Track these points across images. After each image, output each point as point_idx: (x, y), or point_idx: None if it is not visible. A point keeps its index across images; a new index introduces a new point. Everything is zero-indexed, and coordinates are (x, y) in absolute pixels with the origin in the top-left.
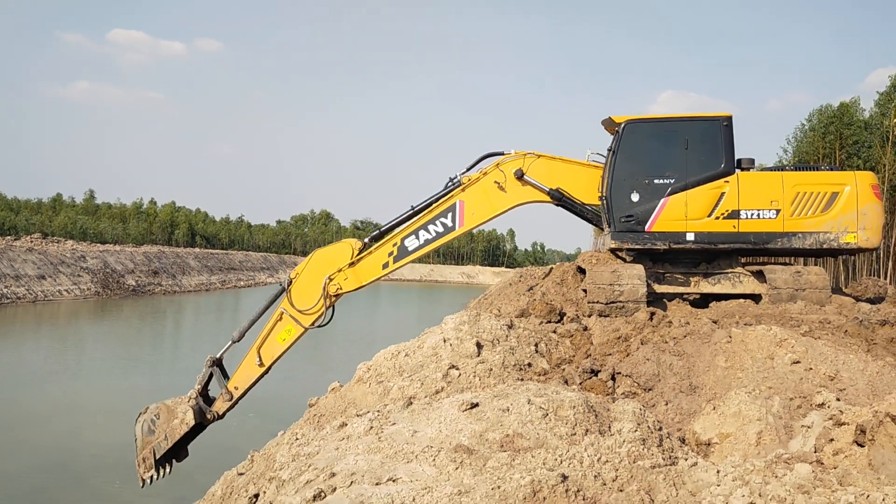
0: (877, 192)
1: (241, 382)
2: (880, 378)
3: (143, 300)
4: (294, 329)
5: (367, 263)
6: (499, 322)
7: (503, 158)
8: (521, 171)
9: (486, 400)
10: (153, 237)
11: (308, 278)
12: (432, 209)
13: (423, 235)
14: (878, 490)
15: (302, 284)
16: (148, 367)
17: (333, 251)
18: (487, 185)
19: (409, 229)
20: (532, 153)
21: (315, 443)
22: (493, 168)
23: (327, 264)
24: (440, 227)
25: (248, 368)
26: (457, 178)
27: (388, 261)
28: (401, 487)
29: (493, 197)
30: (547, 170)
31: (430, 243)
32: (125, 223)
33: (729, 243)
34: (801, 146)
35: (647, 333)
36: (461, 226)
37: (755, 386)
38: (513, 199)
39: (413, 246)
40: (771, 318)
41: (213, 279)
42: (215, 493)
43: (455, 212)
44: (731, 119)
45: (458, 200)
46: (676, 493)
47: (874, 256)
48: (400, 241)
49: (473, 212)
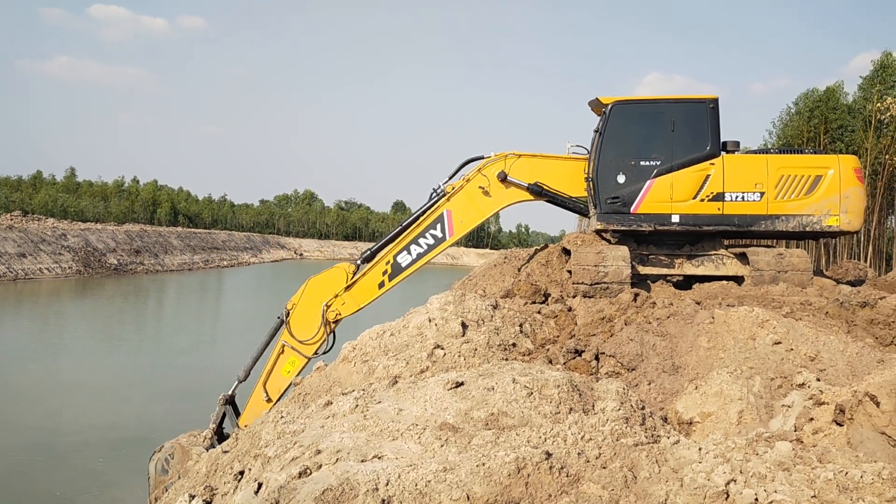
0: (859, 175)
1: (250, 420)
2: (859, 359)
3: (125, 279)
4: (297, 360)
5: (363, 285)
6: (484, 302)
7: (484, 162)
8: (504, 174)
9: (471, 379)
10: (135, 216)
11: (305, 308)
12: (420, 222)
13: (414, 250)
14: (856, 467)
15: (300, 315)
16: (130, 346)
17: (327, 278)
18: (472, 191)
19: (400, 245)
20: (512, 153)
21: (300, 421)
22: (476, 173)
23: (323, 291)
24: (431, 240)
25: (255, 405)
26: (440, 188)
27: (384, 280)
28: (386, 464)
29: (479, 202)
30: (529, 168)
31: (423, 256)
32: (107, 201)
33: (713, 225)
34: (787, 129)
35: (631, 314)
36: (451, 235)
37: (737, 366)
38: (499, 201)
39: (406, 262)
40: (753, 299)
41: (195, 258)
42: (200, 470)
43: (444, 222)
44: (717, 102)
45: (445, 210)
46: (659, 470)
47: (854, 240)
48: (392, 258)
49: (462, 220)
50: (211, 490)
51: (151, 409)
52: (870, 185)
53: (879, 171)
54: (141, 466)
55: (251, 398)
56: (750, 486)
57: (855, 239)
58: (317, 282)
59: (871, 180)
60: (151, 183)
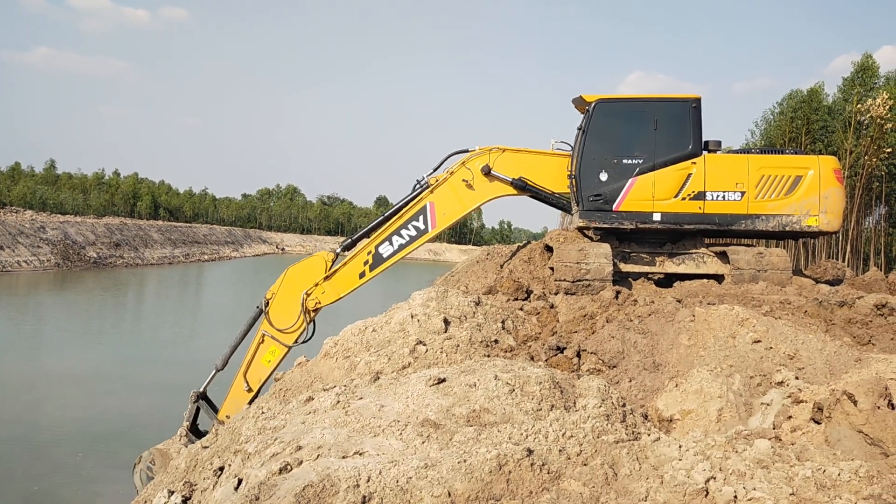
0: (838, 176)
1: (231, 411)
2: (837, 357)
3: (105, 272)
4: (278, 349)
5: (344, 275)
6: (466, 299)
7: (469, 156)
8: (489, 167)
9: (453, 375)
10: (115, 209)
11: (285, 297)
12: (403, 213)
13: (396, 241)
14: (833, 465)
15: (279, 304)
16: (110, 340)
17: (306, 266)
18: (455, 183)
19: (382, 236)
20: (497, 147)
21: (281, 416)
22: (460, 166)
23: (302, 280)
24: (413, 231)
25: (236, 395)
26: (424, 180)
27: (364, 270)
28: (367, 460)
29: (463, 195)
30: (513, 163)
31: (405, 248)
32: (86, 194)
33: (694, 224)
34: (770, 129)
35: (613, 311)
36: (434, 227)
37: (717, 364)
38: (482, 195)
39: (388, 252)
40: (733, 297)
41: (176, 252)
42: (179, 465)
43: (426, 214)
44: (699, 101)
45: (428, 202)
46: (639, 467)
47: (833, 239)
48: (374, 248)
49: (444, 212)
50: (190, 486)
51: (131, 403)
52: (849, 185)
53: (859, 171)
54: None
55: (232, 389)
56: (729, 484)
57: (834, 239)
58: (296, 271)
59: (850, 181)
60: (132, 176)
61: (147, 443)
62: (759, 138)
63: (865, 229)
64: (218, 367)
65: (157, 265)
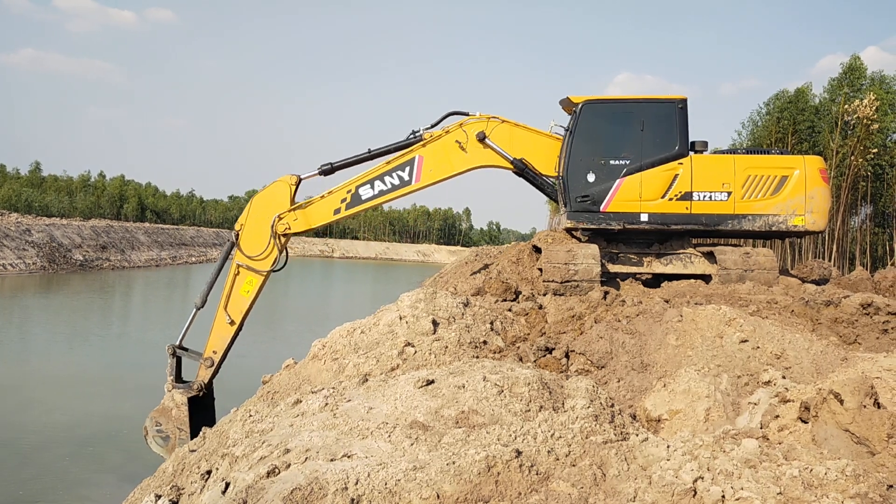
0: (824, 176)
1: (217, 346)
2: (824, 357)
3: (91, 275)
4: (254, 278)
5: (319, 207)
6: (455, 300)
7: (467, 119)
8: (484, 134)
9: (441, 377)
10: (101, 211)
11: (253, 225)
12: (390, 161)
13: (378, 186)
14: (820, 464)
15: (249, 232)
16: (96, 343)
17: (271, 192)
18: (448, 143)
19: (365, 178)
20: (497, 117)
21: (269, 419)
22: (456, 127)
23: (268, 207)
24: (396, 180)
25: (220, 330)
26: (419, 133)
27: (341, 207)
28: (356, 463)
29: (453, 156)
30: (509, 136)
31: (385, 195)
32: (72, 196)
33: (681, 224)
34: (757, 130)
35: (601, 312)
36: (417, 181)
37: (704, 364)
38: (472, 160)
39: (367, 195)
40: (720, 297)
41: (163, 255)
42: (166, 469)
43: (413, 166)
44: (686, 102)
45: (418, 155)
46: (628, 468)
47: (819, 239)
48: (354, 188)
49: (431, 168)
50: (177, 490)
51: (119, 407)
52: (835, 185)
53: (844, 171)
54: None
55: (214, 324)
56: (717, 484)
57: (820, 238)
58: (261, 198)
59: (836, 181)
60: (118, 178)
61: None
62: (745, 139)
63: (851, 229)
64: (197, 304)
65: (143, 268)
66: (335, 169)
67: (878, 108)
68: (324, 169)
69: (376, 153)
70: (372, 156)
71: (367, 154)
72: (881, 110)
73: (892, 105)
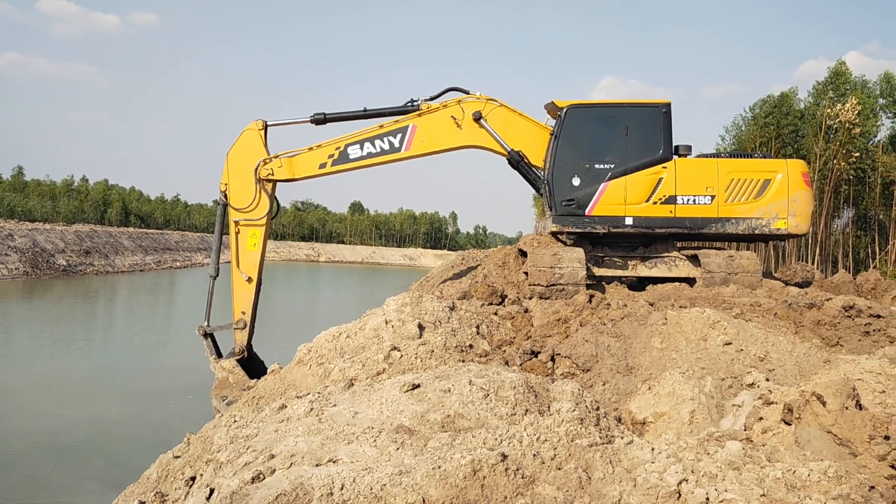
0: (807, 179)
1: (243, 306)
2: (807, 359)
3: (75, 280)
4: (256, 231)
5: (305, 159)
6: (441, 304)
7: (466, 97)
8: (480, 114)
9: (427, 381)
10: (85, 216)
11: (236, 179)
12: (384, 125)
13: (367, 147)
14: (804, 466)
15: (234, 187)
16: (80, 348)
17: (242, 143)
18: (444, 117)
19: (356, 138)
20: (495, 100)
21: (254, 425)
22: (454, 103)
23: (245, 157)
24: (386, 145)
25: (241, 290)
26: (417, 102)
27: (327, 162)
28: (341, 468)
29: (447, 131)
30: (505, 120)
31: (372, 157)
32: (55, 201)
33: (666, 228)
34: (741, 134)
35: (586, 315)
36: (407, 150)
37: (689, 366)
38: (465, 138)
39: (355, 155)
40: (705, 300)
41: (147, 259)
42: (150, 476)
43: (406, 134)
44: (669, 106)
45: (412, 124)
46: (613, 471)
47: (803, 242)
48: (344, 146)
49: (423, 139)
50: (162, 496)
51: (103, 412)
52: (818, 188)
53: (827, 175)
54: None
55: (234, 287)
56: (701, 486)
57: (803, 241)
58: (235, 151)
59: (818, 184)
60: (102, 182)
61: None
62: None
63: (834, 232)
64: (211, 274)
65: (128, 272)
66: (328, 120)
67: (861, 113)
68: (316, 118)
69: (372, 113)
70: (367, 115)
71: (363, 112)
72: (863, 114)
73: (874, 109)
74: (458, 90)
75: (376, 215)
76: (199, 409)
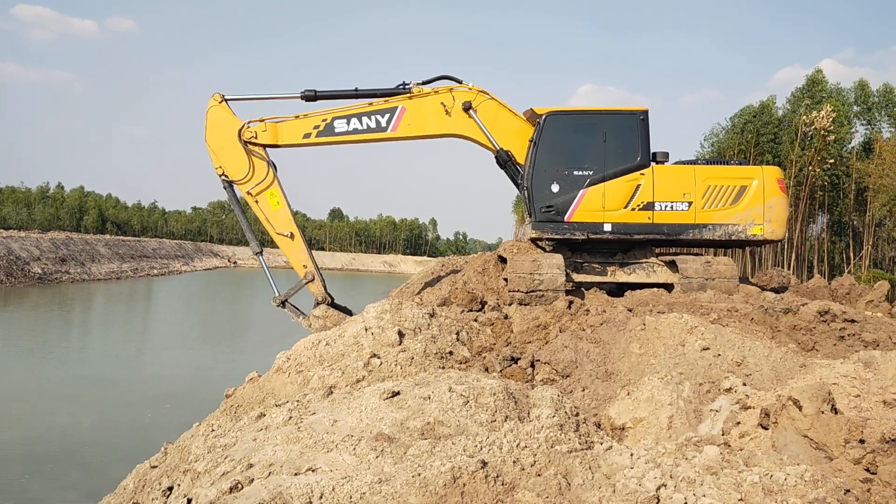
0: (782, 186)
1: (302, 259)
2: (783, 364)
3: (51, 288)
4: (271, 191)
5: (291, 126)
6: (421, 311)
7: (458, 86)
8: (470, 104)
9: (407, 388)
10: (60, 223)
11: (226, 155)
12: (373, 104)
13: (353, 123)
14: (780, 470)
15: (228, 164)
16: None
17: (212, 122)
18: (434, 103)
19: (343, 112)
20: (486, 92)
21: (232, 434)
22: (446, 91)
23: (222, 133)
24: (373, 123)
25: (290, 248)
26: (409, 85)
27: (312, 133)
28: (320, 477)
29: (435, 117)
30: (494, 114)
31: (358, 134)
32: (30, 208)
33: (644, 234)
34: (720, 142)
35: (566, 321)
36: (393, 131)
37: (667, 372)
38: (453, 126)
39: (341, 129)
40: (682, 306)
41: (124, 267)
42: (127, 486)
43: (394, 115)
44: (647, 113)
45: (401, 106)
46: (592, 477)
47: (778, 248)
48: (331, 118)
49: (411, 122)
50: None
51: (79, 422)
52: (793, 195)
53: (803, 181)
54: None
55: (283, 249)
56: (679, 491)
57: (779, 247)
58: (210, 133)
59: (794, 190)
60: (78, 189)
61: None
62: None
63: (809, 238)
64: (255, 250)
65: (104, 280)
66: (318, 97)
67: (836, 120)
68: (307, 94)
69: (363, 93)
70: (358, 95)
71: (354, 92)
72: (838, 121)
73: (848, 116)
74: (451, 79)
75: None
76: (176, 418)
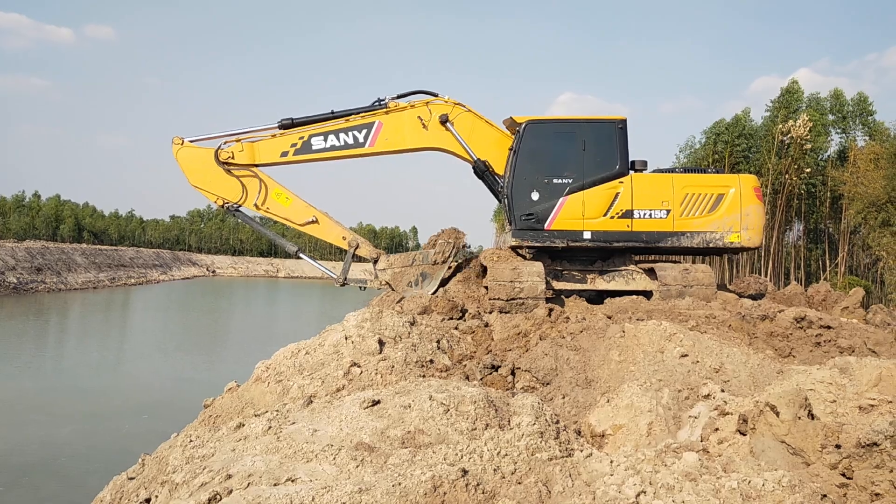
0: (758, 194)
1: (339, 233)
2: (761, 370)
3: (26, 298)
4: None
5: (268, 145)
6: (401, 319)
7: (434, 99)
8: (447, 117)
9: (387, 397)
10: (36, 232)
11: (216, 187)
12: (350, 119)
13: (331, 140)
14: (758, 476)
15: (223, 192)
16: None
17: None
18: (410, 117)
19: (320, 129)
20: (462, 105)
21: (210, 444)
22: (422, 104)
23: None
24: (351, 139)
25: (321, 231)
26: (385, 101)
27: (289, 151)
28: (300, 487)
29: (412, 131)
30: (471, 126)
31: (336, 150)
32: (5, 217)
33: (623, 242)
34: (697, 151)
35: (546, 329)
36: (371, 146)
37: (646, 379)
38: (430, 140)
39: (318, 146)
40: (661, 313)
41: (101, 276)
42: (104, 498)
43: (371, 131)
44: (625, 122)
45: (378, 121)
46: (572, 484)
47: (756, 255)
48: (308, 136)
49: (388, 137)
50: None
51: (56, 433)
52: (770, 203)
53: (779, 189)
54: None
55: (317, 234)
56: (659, 497)
57: (756, 254)
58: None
59: (771, 198)
60: (54, 198)
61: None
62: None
63: (786, 245)
64: (294, 252)
65: (81, 290)
66: (295, 125)
67: (812, 129)
68: (283, 123)
69: (339, 115)
70: (334, 117)
71: (331, 115)
72: (814, 131)
73: (825, 125)
74: (427, 92)
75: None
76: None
